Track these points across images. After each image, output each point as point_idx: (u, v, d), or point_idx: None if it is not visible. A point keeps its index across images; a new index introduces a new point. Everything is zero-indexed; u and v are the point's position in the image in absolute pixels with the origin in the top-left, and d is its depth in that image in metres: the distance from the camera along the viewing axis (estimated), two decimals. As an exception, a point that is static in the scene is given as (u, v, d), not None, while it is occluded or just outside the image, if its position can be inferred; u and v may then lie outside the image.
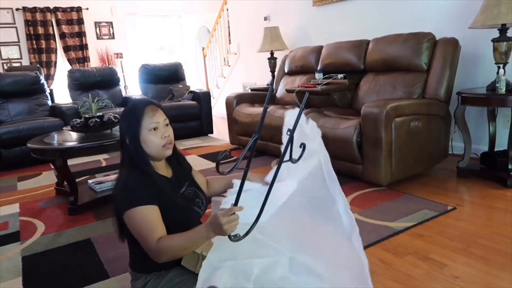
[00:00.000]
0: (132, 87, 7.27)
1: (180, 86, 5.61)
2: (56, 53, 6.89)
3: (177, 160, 1.42)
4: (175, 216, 1.27)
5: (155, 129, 1.27)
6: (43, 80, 4.77)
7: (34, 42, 6.64)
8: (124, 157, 1.31)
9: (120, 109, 4.73)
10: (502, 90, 2.47)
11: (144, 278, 1.31)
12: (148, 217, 1.19)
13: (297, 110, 1.20)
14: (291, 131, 1.12)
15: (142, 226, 1.19)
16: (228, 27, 6.60)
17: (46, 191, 3.15)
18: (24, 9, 6.54)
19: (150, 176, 1.27)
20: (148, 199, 1.22)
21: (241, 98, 4.19)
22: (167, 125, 1.31)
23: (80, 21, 7.03)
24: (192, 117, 5.11)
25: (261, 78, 5.55)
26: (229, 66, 6.63)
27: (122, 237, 1.33)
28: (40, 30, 6.67)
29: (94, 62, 7.25)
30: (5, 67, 6.30)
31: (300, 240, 1.19)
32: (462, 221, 2.08)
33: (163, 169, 1.37)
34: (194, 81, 7.72)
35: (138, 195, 1.21)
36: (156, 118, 1.27)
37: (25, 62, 6.65)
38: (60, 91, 6.17)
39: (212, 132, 5.29)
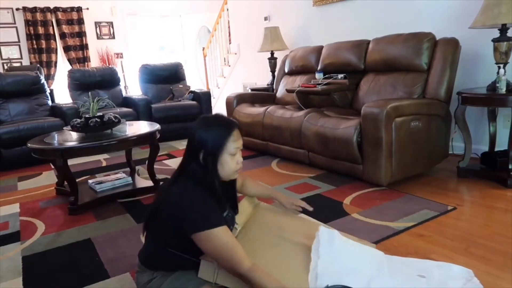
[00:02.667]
0: (132, 87, 7.27)
1: (180, 86, 5.61)
2: (56, 53, 6.90)
3: (230, 183, 1.41)
4: None
5: (234, 154, 1.28)
6: (43, 80, 4.77)
7: (34, 42, 6.65)
8: (191, 168, 1.27)
9: (121, 109, 4.73)
10: (503, 90, 2.47)
11: (151, 274, 1.33)
12: (231, 239, 1.18)
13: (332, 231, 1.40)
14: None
15: (227, 248, 1.17)
16: (229, 27, 6.60)
17: (46, 191, 3.15)
18: (24, 9, 6.54)
19: (215, 196, 1.25)
20: (222, 219, 1.23)
21: (241, 98, 4.19)
22: (241, 150, 1.33)
23: (80, 21, 7.03)
24: (193, 117, 5.09)
25: (261, 78, 5.55)
26: (229, 66, 6.63)
27: (144, 231, 1.35)
28: (40, 30, 6.68)
29: (94, 62, 7.25)
30: (5, 67, 6.30)
31: None
32: (462, 221, 2.08)
33: None
34: (194, 81, 7.73)
35: (214, 215, 1.20)
36: (238, 143, 1.29)
37: (25, 62, 6.65)
38: (60, 91, 6.17)
39: (212, 132, 5.28)
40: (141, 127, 3.05)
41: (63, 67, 6.98)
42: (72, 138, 2.79)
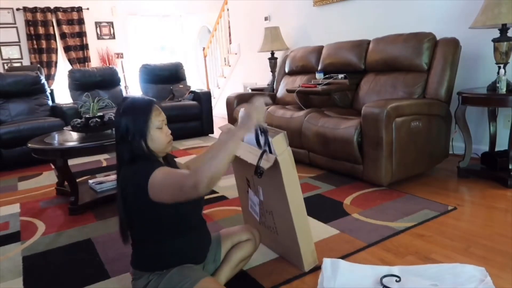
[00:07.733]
0: (132, 87, 7.28)
1: (180, 86, 5.61)
2: (56, 53, 6.90)
3: (167, 159, 1.46)
4: (179, 208, 1.28)
5: (161, 127, 1.32)
6: (43, 80, 4.77)
7: (34, 42, 6.65)
8: (124, 155, 1.31)
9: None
10: (503, 90, 2.47)
11: (146, 277, 1.33)
12: (171, 170, 1.25)
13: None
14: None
15: (169, 179, 1.20)
16: (229, 27, 6.60)
17: (46, 191, 3.15)
18: (25, 9, 6.55)
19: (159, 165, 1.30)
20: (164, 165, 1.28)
21: (242, 98, 4.18)
22: (166, 124, 1.38)
23: (80, 21, 7.04)
24: (193, 117, 5.11)
25: (262, 78, 5.55)
26: (229, 66, 6.63)
27: (125, 239, 1.35)
28: (41, 30, 6.68)
29: (94, 62, 7.26)
30: (6, 67, 6.31)
31: None
32: (463, 221, 2.08)
33: None
34: (194, 81, 7.73)
35: (155, 165, 1.26)
36: (162, 117, 1.34)
37: (26, 62, 6.66)
38: (60, 91, 6.18)
39: (212, 132, 5.29)
40: (142, 127, 3.05)
41: (63, 67, 6.98)
42: (72, 138, 2.79)
